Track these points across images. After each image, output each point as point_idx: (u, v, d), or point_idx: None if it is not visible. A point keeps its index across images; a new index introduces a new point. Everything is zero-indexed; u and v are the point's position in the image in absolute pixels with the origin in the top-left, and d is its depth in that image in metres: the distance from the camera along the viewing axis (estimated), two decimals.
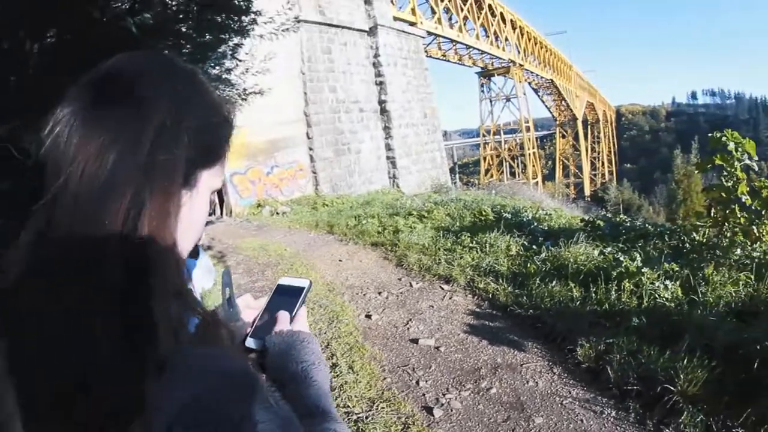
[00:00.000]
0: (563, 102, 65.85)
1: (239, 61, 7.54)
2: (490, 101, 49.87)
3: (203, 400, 0.51)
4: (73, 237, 0.52)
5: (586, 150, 72.16)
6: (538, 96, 65.62)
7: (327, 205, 14.37)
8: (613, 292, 4.77)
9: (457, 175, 50.44)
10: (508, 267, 6.15)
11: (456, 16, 34.79)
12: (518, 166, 49.71)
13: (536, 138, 56.26)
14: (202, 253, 3.69)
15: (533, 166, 48.58)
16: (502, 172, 49.11)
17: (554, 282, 5.25)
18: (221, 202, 15.55)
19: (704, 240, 5.90)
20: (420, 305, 5.49)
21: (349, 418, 3.34)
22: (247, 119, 9.54)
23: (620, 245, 6.28)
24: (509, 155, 50.28)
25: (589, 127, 78.25)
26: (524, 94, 49.32)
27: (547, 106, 68.54)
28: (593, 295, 4.83)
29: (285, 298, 0.93)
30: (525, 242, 7.03)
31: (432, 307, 5.42)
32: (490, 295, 5.52)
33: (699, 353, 3.49)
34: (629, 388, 3.49)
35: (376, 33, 21.60)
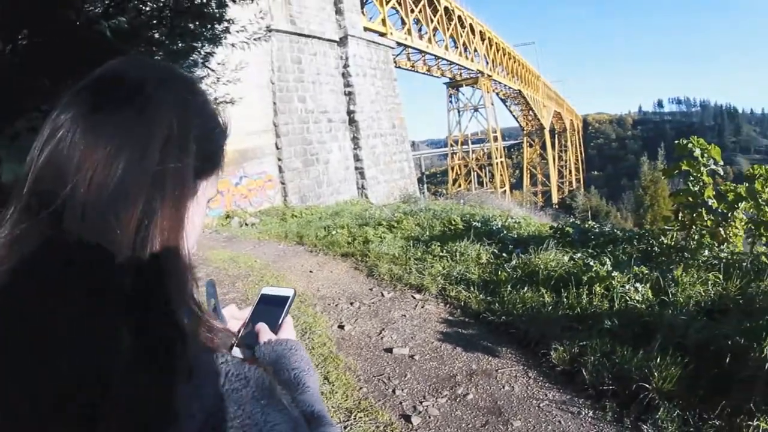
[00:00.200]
0: (531, 112, 67.15)
1: (210, 69, 7.46)
2: (458, 111, 50.55)
3: (228, 402, 0.53)
4: (83, 245, 0.51)
5: (554, 159, 73.67)
6: (506, 106, 66.88)
7: (296, 216, 14.22)
8: (585, 297, 4.84)
9: (425, 185, 50.71)
10: (479, 275, 6.18)
11: (426, 27, 35.19)
12: (486, 176, 50.35)
13: (504, 147, 57.14)
14: None
15: (501, 175, 49.29)
16: (470, 181, 49.63)
17: (526, 288, 5.30)
18: None
19: (672, 243, 6.04)
20: (392, 315, 5.48)
21: None
22: None
23: (590, 251, 6.38)
24: (477, 165, 50.90)
25: (556, 136, 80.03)
26: (492, 104, 50.28)
27: (514, 116, 69.88)
28: (565, 299, 4.90)
29: (270, 308, 0.93)
30: (495, 250, 7.07)
31: (404, 316, 5.41)
32: (462, 303, 5.54)
33: (671, 351, 3.58)
34: (605, 388, 3.55)
35: (346, 43, 21.64)
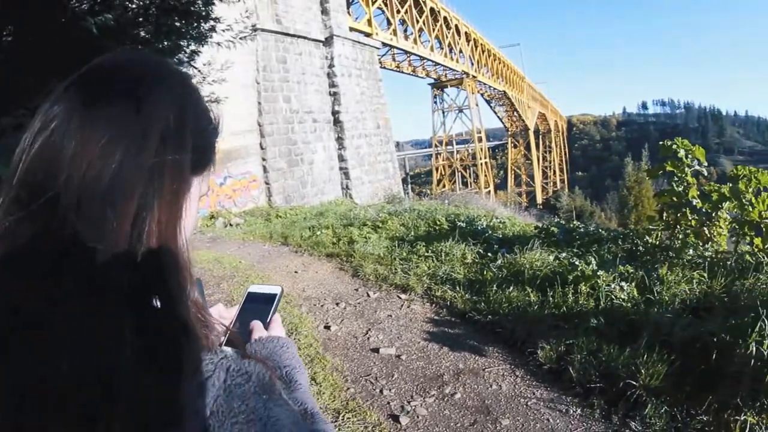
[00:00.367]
0: (515, 113, 67.57)
1: (196, 69, 7.39)
2: (443, 112, 50.67)
3: (232, 398, 0.54)
4: (78, 238, 0.49)
5: (538, 159, 74.30)
6: (491, 107, 67.21)
7: (281, 217, 14.13)
8: (570, 296, 4.88)
9: (410, 186, 50.82)
10: (465, 275, 6.20)
11: (411, 28, 35.20)
12: (470, 176, 50.55)
13: (488, 148, 57.47)
14: None
15: (485, 175, 49.48)
16: (455, 182, 49.82)
17: (511, 288, 5.33)
18: None
19: (657, 242, 6.09)
20: (378, 315, 5.48)
21: None
22: None
23: (575, 250, 6.42)
24: (461, 165, 51.10)
25: (540, 137, 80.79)
26: (477, 105, 50.42)
27: (499, 117, 70.24)
28: (551, 299, 4.94)
29: (258, 306, 0.92)
30: (480, 250, 7.09)
31: (390, 316, 5.42)
32: (448, 303, 5.56)
33: (658, 349, 3.62)
34: (592, 385, 3.58)
35: (331, 43, 21.58)
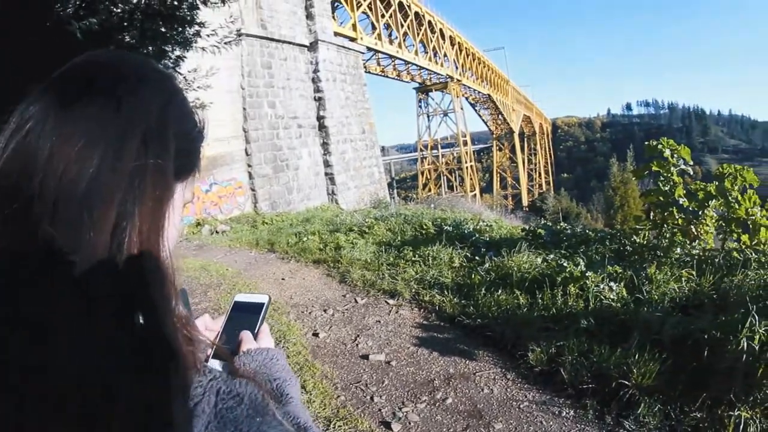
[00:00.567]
0: (500, 116, 67.98)
1: (181, 75, 7.34)
2: (428, 116, 50.80)
3: (224, 423, 0.53)
4: (53, 246, 0.46)
5: (523, 162, 74.77)
6: (476, 110, 67.55)
7: (267, 223, 14.06)
8: (559, 297, 4.90)
9: (396, 190, 50.79)
10: (453, 279, 6.20)
11: (396, 32, 35.22)
12: (456, 180, 50.68)
13: (473, 151, 57.57)
14: None
15: (471, 179, 49.66)
16: (440, 185, 49.88)
17: (500, 291, 5.34)
18: None
19: (645, 242, 6.13)
20: (367, 321, 5.47)
21: None
22: None
23: (562, 252, 6.44)
24: (447, 169, 51.21)
25: (525, 139, 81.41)
26: (461, 108, 50.64)
27: (484, 121, 70.64)
28: (540, 301, 4.95)
29: (245, 315, 0.89)
30: (468, 254, 7.09)
31: (379, 322, 5.40)
32: (437, 307, 5.56)
33: (649, 348, 3.65)
34: (584, 386, 3.60)
35: (316, 48, 21.58)
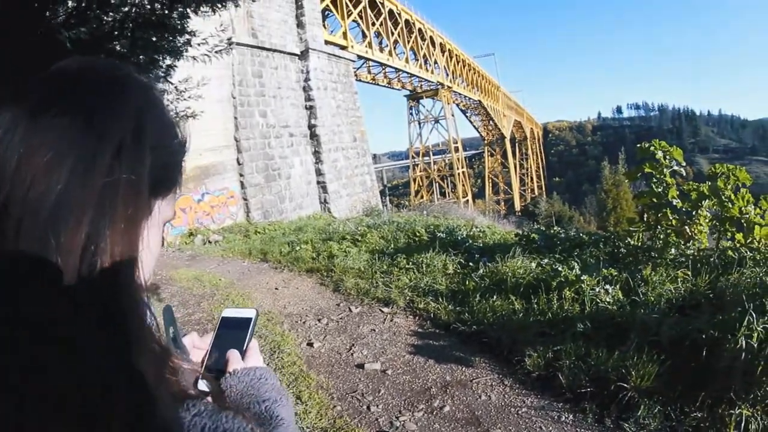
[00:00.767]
0: (491, 122, 68.35)
1: (171, 84, 7.31)
2: (419, 123, 50.95)
3: None
4: (18, 268, 0.43)
5: (515, 167, 75.13)
6: (467, 117, 67.88)
7: (259, 233, 14.04)
8: (555, 302, 4.89)
9: (388, 198, 50.89)
10: (447, 285, 6.20)
11: (386, 40, 35.35)
12: (448, 186, 50.80)
13: (465, 158, 57.79)
14: None
15: (463, 185, 49.81)
16: (432, 192, 50.00)
17: (495, 297, 5.34)
18: None
19: (639, 244, 6.14)
20: (361, 330, 5.44)
21: None
22: None
23: (557, 256, 6.45)
24: (439, 176, 51.34)
25: (516, 144, 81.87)
26: (452, 115, 50.87)
27: (475, 127, 70.99)
28: (535, 306, 4.94)
29: (232, 332, 0.87)
30: (461, 260, 7.09)
31: (374, 330, 5.38)
32: (432, 315, 5.54)
33: (647, 349, 3.65)
34: (583, 390, 3.59)
35: (307, 57, 21.60)
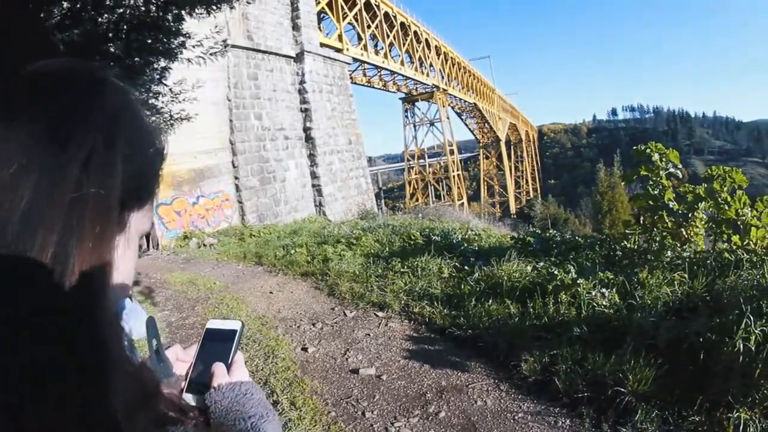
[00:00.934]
0: (486, 124, 68.43)
1: (166, 86, 7.29)
2: (414, 126, 50.96)
3: None
4: (18, 268, 0.41)
5: (510, 169, 75.26)
6: (462, 119, 67.96)
7: (254, 236, 14.02)
8: (551, 305, 4.88)
9: (383, 201, 50.73)
10: (442, 289, 6.18)
11: (382, 43, 35.36)
12: (443, 189, 50.77)
13: (460, 160, 57.83)
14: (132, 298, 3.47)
15: (458, 188, 49.82)
16: (428, 195, 49.99)
17: (490, 301, 5.32)
18: (147, 235, 14.78)
19: (635, 246, 6.13)
20: (356, 334, 5.42)
21: None
22: (173, 147, 9.34)
23: (553, 259, 6.44)
24: (434, 178, 51.33)
25: (512, 147, 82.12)
26: (448, 118, 50.83)
27: (470, 129, 71.07)
28: (531, 309, 4.94)
29: (217, 344, 0.85)
30: (457, 264, 7.08)
31: (369, 335, 5.36)
32: (427, 319, 5.52)
33: (644, 353, 3.64)
34: (580, 395, 3.57)
35: (302, 59, 21.61)
